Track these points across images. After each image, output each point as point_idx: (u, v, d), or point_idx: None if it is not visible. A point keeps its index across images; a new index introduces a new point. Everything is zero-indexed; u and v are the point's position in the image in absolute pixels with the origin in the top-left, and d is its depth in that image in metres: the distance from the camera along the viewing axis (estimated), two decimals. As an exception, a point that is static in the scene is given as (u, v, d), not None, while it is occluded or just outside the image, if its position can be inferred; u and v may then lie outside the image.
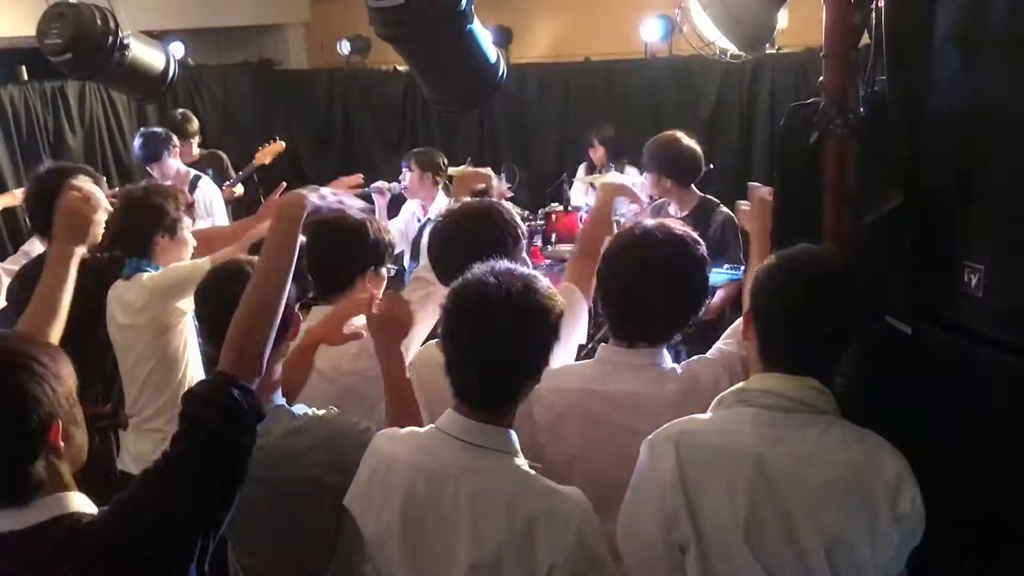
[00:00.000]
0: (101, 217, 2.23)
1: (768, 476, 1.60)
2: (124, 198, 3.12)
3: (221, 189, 5.63)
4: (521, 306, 1.71)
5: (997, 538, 1.82)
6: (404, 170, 5.40)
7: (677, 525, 1.64)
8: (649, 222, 2.22)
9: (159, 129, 5.36)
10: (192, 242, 3.19)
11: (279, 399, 2.10)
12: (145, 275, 3.00)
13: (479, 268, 1.79)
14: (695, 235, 2.19)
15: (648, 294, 2.09)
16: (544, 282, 1.81)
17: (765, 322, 1.77)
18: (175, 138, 5.38)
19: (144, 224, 3.03)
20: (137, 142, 5.33)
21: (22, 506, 1.49)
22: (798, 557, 1.59)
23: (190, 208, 3.21)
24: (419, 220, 5.58)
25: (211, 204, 5.32)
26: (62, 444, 1.53)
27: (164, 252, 3.08)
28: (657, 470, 1.69)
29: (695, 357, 2.23)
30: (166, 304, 2.94)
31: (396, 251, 5.68)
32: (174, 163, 5.34)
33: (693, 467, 1.65)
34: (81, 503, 1.56)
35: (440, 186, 5.48)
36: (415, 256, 5.59)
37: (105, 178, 3.35)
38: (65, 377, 1.56)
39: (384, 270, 2.64)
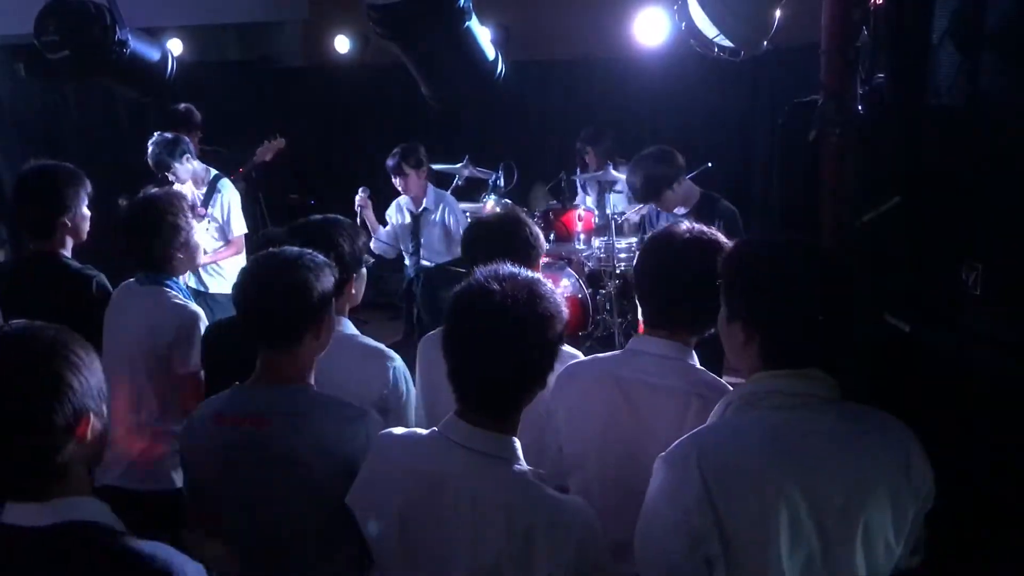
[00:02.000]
0: None
1: (795, 481, 1.57)
2: (133, 215, 3.04)
3: None
4: (525, 313, 1.69)
5: (998, 533, 1.82)
6: (395, 176, 5.44)
7: (705, 543, 1.59)
8: (685, 224, 2.20)
9: (168, 135, 5.09)
10: (201, 246, 3.20)
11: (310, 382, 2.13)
12: (179, 302, 3.00)
13: (482, 272, 1.77)
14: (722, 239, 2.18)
15: (670, 280, 2.08)
16: (547, 286, 1.78)
17: (761, 319, 1.70)
18: (185, 142, 5.13)
19: (161, 244, 3.01)
20: (150, 149, 5.04)
21: (42, 501, 1.45)
22: (835, 553, 1.58)
23: (194, 209, 3.20)
24: (411, 212, 5.62)
25: (228, 208, 5.21)
26: (88, 438, 1.50)
27: (180, 265, 3.10)
28: (679, 490, 1.61)
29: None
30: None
31: (385, 249, 5.75)
32: (187, 168, 5.11)
33: (719, 486, 1.57)
34: (99, 511, 1.51)
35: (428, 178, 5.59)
36: (416, 250, 5.66)
37: (89, 181, 3.30)
38: (98, 371, 1.53)
39: (363, 270, 2.65)
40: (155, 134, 5.10)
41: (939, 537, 1.73)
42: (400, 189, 5.53)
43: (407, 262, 5.78)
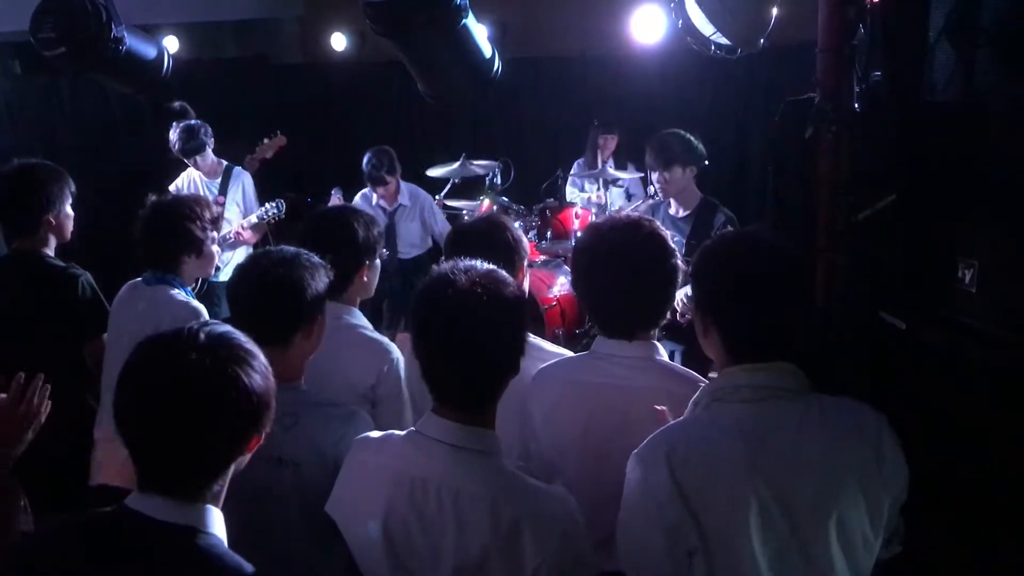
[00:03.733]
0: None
1: (764, 473, 1.59)
2: (153, 214, 3.05)
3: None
4: (493, 300, 1.70)
5: (990, 528, 1.82)
6: (376, 187, 5.51)
7: (683, 535, 1.61)
8: (598, 220, 2.22)
9: (195, 121, 5.33)
10: (218, 254, 3.21)
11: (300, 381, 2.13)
12: (182, 299, 3.02)
13: (443, 267, 1.78)
14: (647, 217, 2.18)
15: (620, 286, 2.08)
16: (504, 274, 1.80)
17: (722, 315, 1.73)
18: (209, 128, 5.38)
19: (172, 246, 3.04)
20: (178, 135, 5.23)
21: (180, 499, 1.46)
22: (807, 544, 1.59)
23: (216, 222, 3.19)
24: (384, 209, 5.65)
25: (247, 193, 5.36)
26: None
27: (191, 271, 3.12)
28: (652, 486, 1.64)
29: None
30: None
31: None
32: (211, 154, 5.36)
33: (689, 480, 1.60)
34: (219, 526, 1.51)
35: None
36: (390, 244, 5.64)
37: (71, 179, 3.30)
38: (271, 387, 1.56)
39: (378, 260, 2.68)
40: (174, 123, 5.25)
41: (932, 531, 1.74)
42: (380, 195, 5.60)
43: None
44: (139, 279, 3.10)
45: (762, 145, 6.61)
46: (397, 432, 1.86)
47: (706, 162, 4.51)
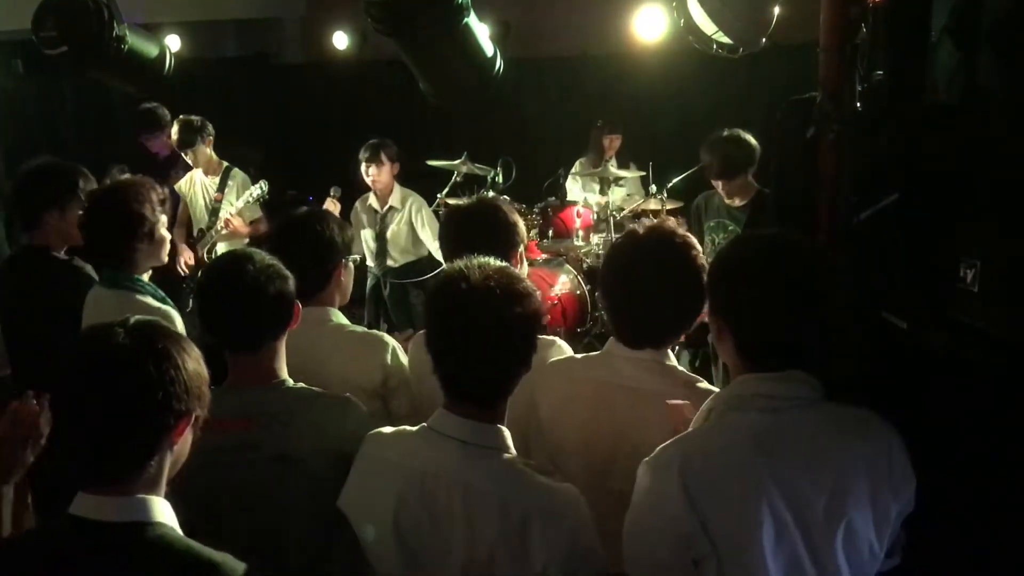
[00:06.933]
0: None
1: (778, 485, 1.58)
2: (93, 204, 2.91)
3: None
4: (506, 295, 1.71)
5: (994, 531, 1.82)
6: (370, 165, 5.48)
7: (693, 545, 1.60)
8: (641, 227, 2.17)
9: (195, 117, 5.42)
10: (168, 238, 3.02)
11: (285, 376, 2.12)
12: (149, 305, 2.84)
13: (455, 264, 1.79)
14: (683, 231, 2.15)
15: (646, 301, 2.05)
16: (517, 271, 1.82)
17: (737, 320, 1.70)
18: (210, 126, 5.45)
19: (120, 234, 2.86)
20: (173, 128, 5.37)
21: (118, 495, 1.44)
22: (818, 552, 1.58)
23: (163, 203, 3.00)
24: (376, 211, 5.64)
25: (240, 193, 5.40)
26: (179, 440, 1.51)
27: (144, 258, 2.93)
28: (663, 497, 1.62)
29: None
30: None
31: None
32: (208, 151, 5.42)
33: (702, 492, 1.58)
34: (166, 514, 1.49)
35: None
36: (382, 250, 5.66)
37: (93, 177, 3.32)
38: (203, 374, 1.54)
39: (351, 260, 2.65)
40: (180, 116, 5.43)
41: (934, 536, 1.74)
42: (370, 181, 5.53)
43: (370, 263, 5.77)
44: (97, 285, 2.99)
45: (763, 144, 6.60)
46: (409, 428, 1.88)
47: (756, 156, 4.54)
